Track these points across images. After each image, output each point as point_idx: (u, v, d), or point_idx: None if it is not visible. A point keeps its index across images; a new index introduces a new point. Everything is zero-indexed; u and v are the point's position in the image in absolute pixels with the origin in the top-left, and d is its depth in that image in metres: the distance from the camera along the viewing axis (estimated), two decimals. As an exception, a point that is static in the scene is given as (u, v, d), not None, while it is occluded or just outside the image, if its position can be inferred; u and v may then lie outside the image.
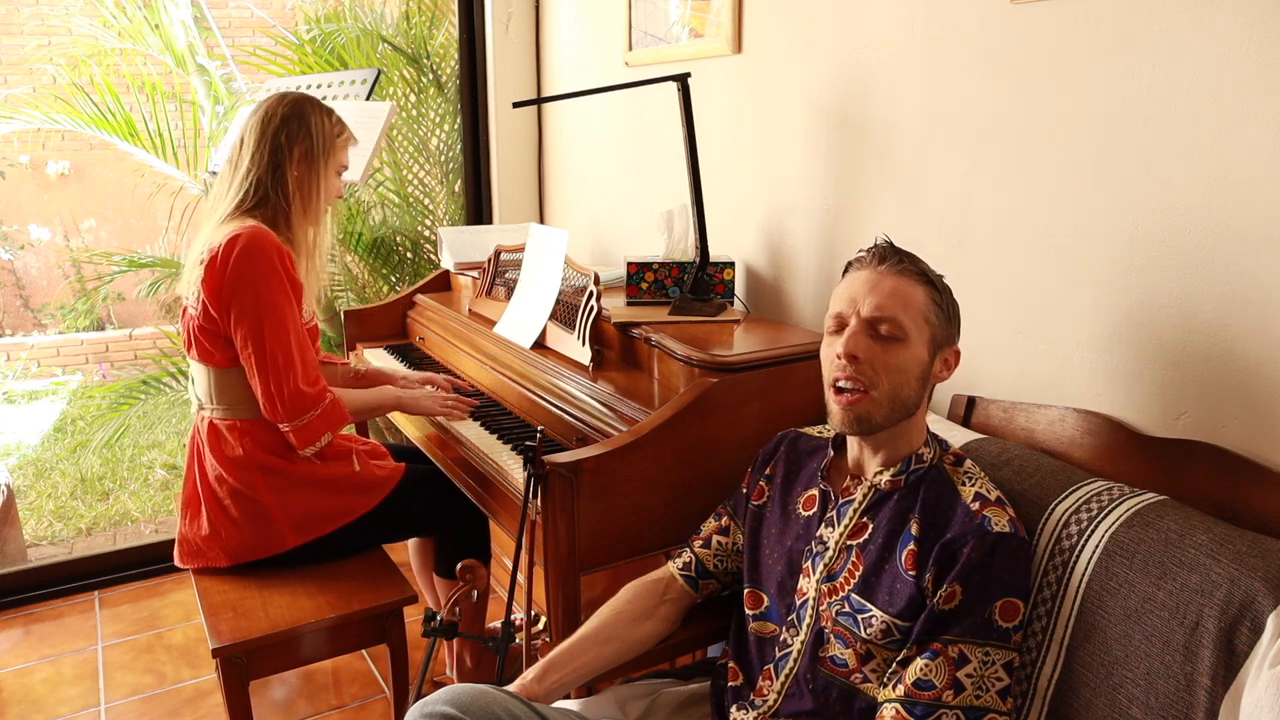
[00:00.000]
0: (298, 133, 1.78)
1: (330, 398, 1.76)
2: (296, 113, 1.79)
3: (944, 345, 1.19)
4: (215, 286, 1.68)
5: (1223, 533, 1.04)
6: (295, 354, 1.71)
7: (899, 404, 1.15)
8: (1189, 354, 1.26)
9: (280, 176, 1.77)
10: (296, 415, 1.71)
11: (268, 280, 1.68)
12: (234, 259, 1.66)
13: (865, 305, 1.15)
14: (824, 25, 1.80)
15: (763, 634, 1.26)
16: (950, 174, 1.57)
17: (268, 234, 1.71)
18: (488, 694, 1.11)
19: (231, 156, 1.82)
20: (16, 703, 2.19)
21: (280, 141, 1.77)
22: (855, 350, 1.14)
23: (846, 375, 1.14)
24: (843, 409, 1.15)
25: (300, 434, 1.73)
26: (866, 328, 1.14)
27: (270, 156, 1.77)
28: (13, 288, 5.94)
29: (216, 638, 1.61)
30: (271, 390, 1.69)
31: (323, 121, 1.82)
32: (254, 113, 1.81)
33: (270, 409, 1.71)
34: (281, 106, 1.79)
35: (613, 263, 2.57)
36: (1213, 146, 1.19)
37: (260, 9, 5.53)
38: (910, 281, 1.16)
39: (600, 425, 1.62)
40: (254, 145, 1.78)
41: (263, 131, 1.77)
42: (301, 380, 1.71)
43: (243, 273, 1.67)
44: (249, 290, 1.67)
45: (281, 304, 1.70)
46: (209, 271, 1.68)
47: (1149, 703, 1.01)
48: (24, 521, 3.33)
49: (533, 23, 2.93)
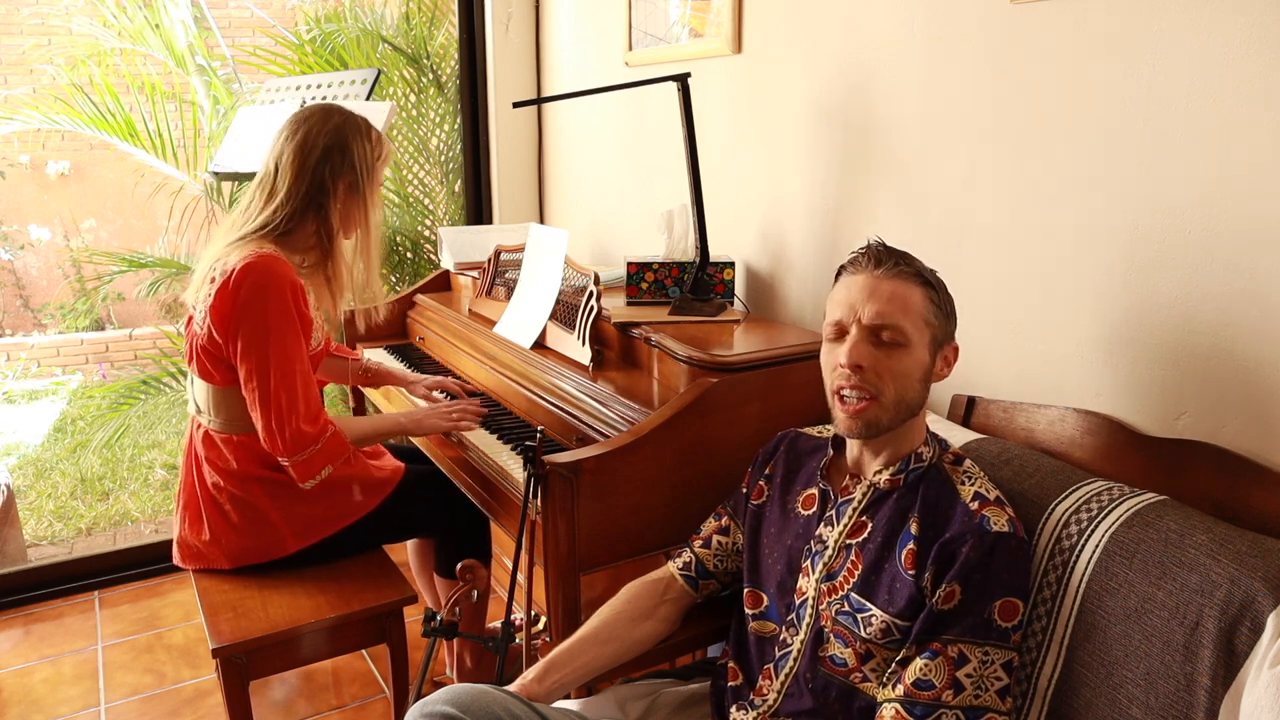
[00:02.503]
0: (341, 166, 1.69)
1: (331, 430, 1.70)
2: (339, 144, 1.69)
3: (944, 343, 1.19)
4: (223, 312, 1.63)
5: (1223, 533, 1.04)
6: (299, 393, 1.65)
7: (904, 407, 1.15)
8: (1189, 354, 1.26)
9: (324, 216, 1.70)
10: (297, 451, 1.66)
11: (279, 316, 1.62)
12: (245, 291, 1.60)
13: (865, 312, 1.14)
14: (824, 25, 1.81)
15: (762, 633, 1.26)
16: (950, 174, 1.57)
17: (284, 266, 1.64)
18: (488, 694, 1.11)
19: (264, 180, 1.72)
20: (16, 703, 2.19)
21: (323, 177, 1.68)
22: (859, 360, 1.13)
23: (851, 384, 1.14)
24: (849, 417, 1.15)
25: (301, 468, 1.68)
26: (868, 335, 1.14)
27: (312, 193, 1.68)
28: (13, 288, 5.94)
29: (216, 638, 1.61)
30: (273, 428, 1.64)
31: (364, 148, 1.72)
32: (292, 135, 1.70)
33: (271, 445, 1.66)
34: (323, 136, 1.68)
35: (613, 263, 2.57)
36: (1213, 146, 1.19)
37: (260, 9, 5.53)
38: (908, 284, 1.15)
39: (600, 425, 1.62)
40: (291, 176, 1.68)
41: (302, 164, 1.68)
42: (304, 420, 1.66)
43: (253, 307, 1.61)
44: (258, 324, 1.62)
45: (289, 342, 1.64)
46: (219, 296, 1.62)
47: (1149, 703, 1.01)
48: (24, 521, 3.33)
49: (533, 23, 2.93)
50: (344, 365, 2.11)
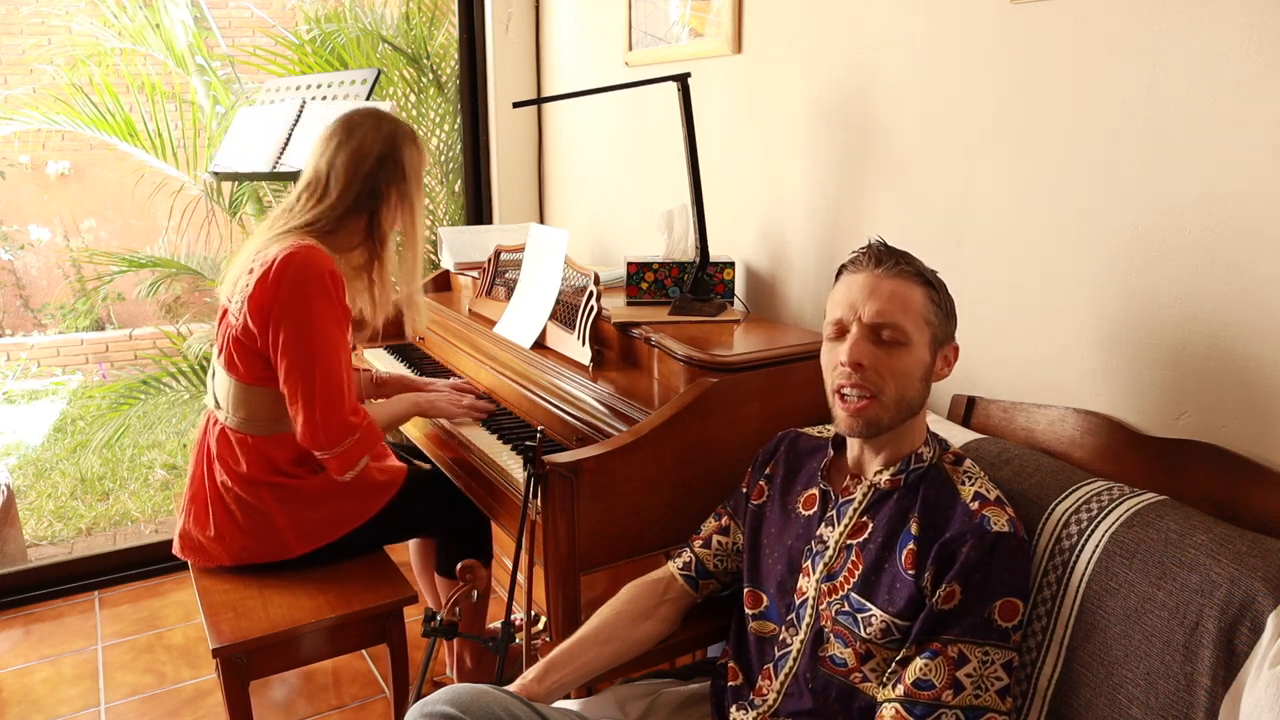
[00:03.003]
0: (394, 174, 1.71)
1: (368, 420, 1.71)
2: (392, 152, 1.71)
3: (944, 343, 1.19)
4: (262, 303, 1.62)
5: (1223, 533, 1.04)
6: (345, 383, 1.65)
7: (905, 406, 1.15)
8: (1189, 354, 1.26)
9: (376, 222, 1.73)
10: (338, 443, 1.66)
11: (322, 306, 1.62)
12: (288, 280, 1.59)
13: (866, 311, 1.14)
14: (824, 25, 1.81)
15: (762, 633, 1.26)
16: (950, 174, 1.57)
17: (324, 256, 1.64)
18: (488, 694, 1.12)
19: (314, 180, 1.72)
20: (16, 703, 2.19)
21: (378, 184, 1.71)
22: (860, 358, 1.13)
23: (852, 383, 1.14)
24: (850, 415, 1.15)
25: (339, 460, 1.67)
26: (869, 334, 1.14)
27: (365, 199, 1.71)
28: (13, 288, 5.94)
29: (216, 638, 1.61)
30: (316, 419, 1.63)
31: (414, 156, 1.74)
32: (345, 140, 1.70)
33: (311, 437, 1.65)
34: (378, 144, 1.70)
35: (613, 263, 2.57)
36: (1213, 146, 1.19)
37: (260, 9, 5.53)
38: (908, 283, 1.15)
39: (600, 425, 1.62)
40: (344, 181, 1.69)
41: (355, 170, 1.69)
42: (349, 411, 1.66)
43: (296, 296, 1.60)
44: (302, 315, 1.61)
45: (334, 331, 1.64)
46: (258, 286, 1.61)
47: (1149, 703, 1.01)
48: (24, 521, 3.33)
49: (533, 23, 2.93)
50: (357, 378, 2.08)
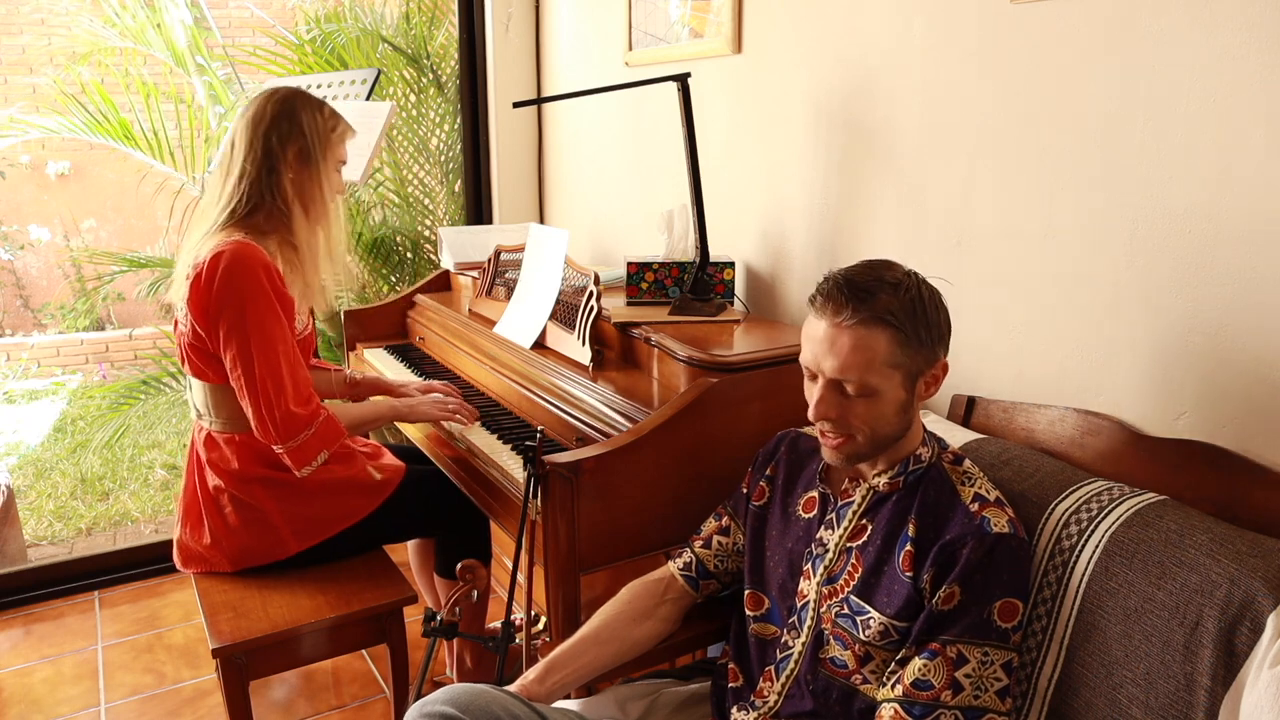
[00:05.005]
0: (289, 132, 1.70)
1: (324, 415, 1.70)
2: (287, 110, 1.71)
3: (922, 371, 1.14)
4: (201, 305, 1.63)
5: (1223, 533, 1.04)
6: (285, 375, 1.64)
7: (883, 439, 1.15)
8: (1189, 354, 1.26)
9: (276, 181, 1.71)
10: (290, 436, 1.65)
11: (254, 299, 1.61)
12: (219, 278, 1.60)
13: (827, 367, 1.11)
14: (824, 25, 1.81)
15: (763, 636, 1.26)
16: (950, 174, 1.57)
17: (254, 249, 1.64)
18: (487, 694, 1.12)
19: (223, 160, 1.74)
20: (16, 703, 2.19)
21: (272, 144, 1.69)
22: (827, 413, 1.13)
23: (823, 430, 1.16)
24: (830, 449, 1.17)
25: (295, 455, 1.67)
26: (834, 387, 1.13)
27: (263, 160, 1.69)
28: (13, 288, 5.94)
29: (216, 638, 1.61)
30: (263, 414, 1.63)
31: (315, 117, 1.74)
32: (244, 113, 1.73)
33: (263, 432, 1.65)
34: (270, 105, 1.71)
35: (613, 263, 2.57)
36: (1213, 146, 1.19)
37: (260, 9, 5.53)
38: (871, 330, 1.09)
39: (600, 425, 1.62)
40: (245, 148, 1.70)
41: (253, 133, 1.70)
42: (293, 402, 1.65)
43: (228, 293, 1.60)
44: (235, 308, 1.61)
45: (269, 323, 1.63)
46: (194, 290, 1.63)
47: (1149, 703, 1.01)
48: (24, 521, 3.33)
49: (533, 23, 2.93)
50: (326, 378, 2.06)
